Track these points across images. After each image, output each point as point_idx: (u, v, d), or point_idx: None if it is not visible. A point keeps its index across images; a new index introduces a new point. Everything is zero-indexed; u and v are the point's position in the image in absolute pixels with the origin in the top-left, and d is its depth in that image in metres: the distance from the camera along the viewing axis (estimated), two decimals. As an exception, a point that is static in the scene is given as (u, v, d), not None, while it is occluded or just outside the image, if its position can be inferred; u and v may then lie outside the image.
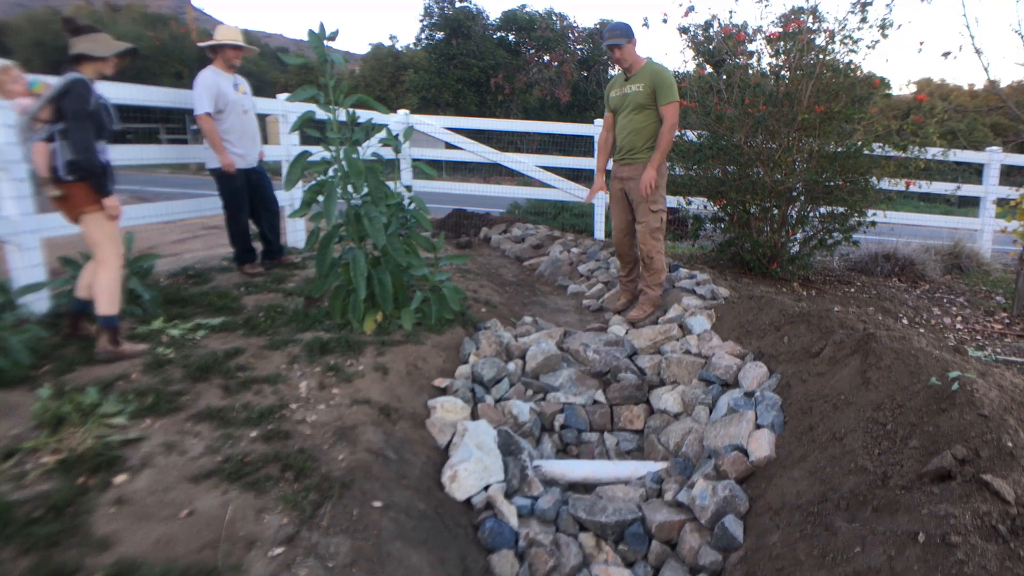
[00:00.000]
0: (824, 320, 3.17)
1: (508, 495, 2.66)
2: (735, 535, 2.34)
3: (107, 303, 3.11)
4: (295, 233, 6.13)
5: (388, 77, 26.02)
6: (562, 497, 2.71)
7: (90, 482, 2.15)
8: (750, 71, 5.73)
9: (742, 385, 3.24)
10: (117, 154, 4.19)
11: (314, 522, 2.05)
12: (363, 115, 5.56)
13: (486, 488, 2.63)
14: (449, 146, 8.05)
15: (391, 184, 3.77)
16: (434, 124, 7.76)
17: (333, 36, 3.31)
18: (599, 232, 8.10)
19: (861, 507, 2.11)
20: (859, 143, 4.90)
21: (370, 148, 3.78)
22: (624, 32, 4.01)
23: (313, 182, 3.50)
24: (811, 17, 5.24)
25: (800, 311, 3.37)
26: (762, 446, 2.67)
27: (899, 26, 4.94)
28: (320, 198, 3.34)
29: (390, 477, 2.44)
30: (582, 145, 10.15)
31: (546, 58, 22.16)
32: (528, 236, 7.48)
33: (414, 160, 4.07)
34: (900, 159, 4.95)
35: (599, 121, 8.19)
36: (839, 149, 4.91)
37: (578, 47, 22.33)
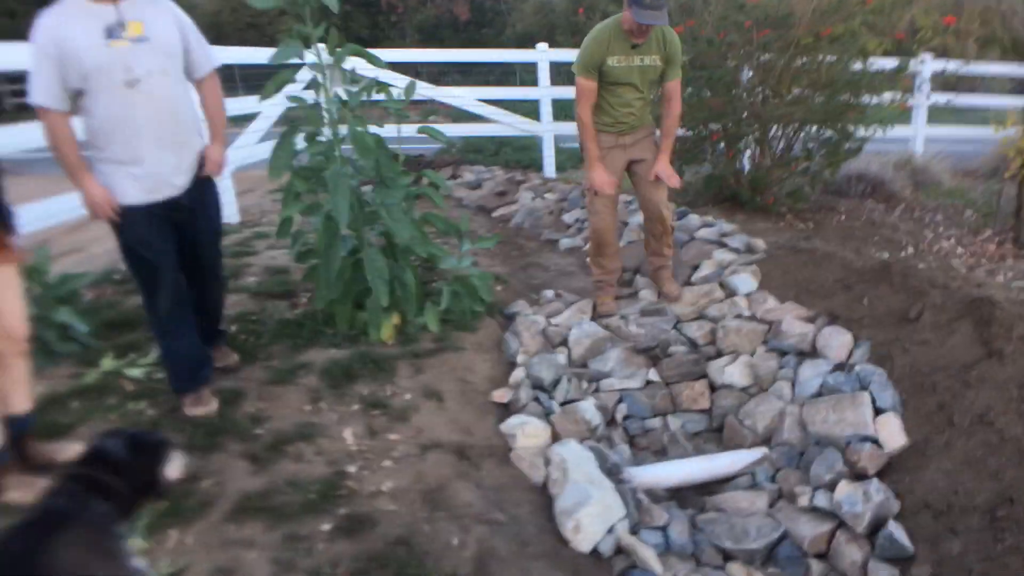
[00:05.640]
0: (908, 278, 2.93)
1: (632, 531, 2.28)
2: (904, 544, 2.11)
3: None
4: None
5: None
6: (688, 519, 2.37)
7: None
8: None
9: (825, 355, 2.97)
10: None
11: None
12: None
13: (609, 530, 2.22)
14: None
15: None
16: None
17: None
18: (549, 169, 7.61)
19: (1062, 508, 1.92)
20: (854, 60, 4.65)
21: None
22: (667, 6, 3.12)
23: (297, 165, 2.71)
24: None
25: (874, 266, 3.12)
26: (893, 434, 2.43)
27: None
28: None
29: (515, 552, 1.96)
30: (490, 72, 9.41)
31: (437, -30, 20.30)
32: (484, 181, 6.80)
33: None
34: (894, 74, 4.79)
35: (542, 46, 7.47)
36: (839, 68, 4.64)
37: (471, -44, 20.60)
